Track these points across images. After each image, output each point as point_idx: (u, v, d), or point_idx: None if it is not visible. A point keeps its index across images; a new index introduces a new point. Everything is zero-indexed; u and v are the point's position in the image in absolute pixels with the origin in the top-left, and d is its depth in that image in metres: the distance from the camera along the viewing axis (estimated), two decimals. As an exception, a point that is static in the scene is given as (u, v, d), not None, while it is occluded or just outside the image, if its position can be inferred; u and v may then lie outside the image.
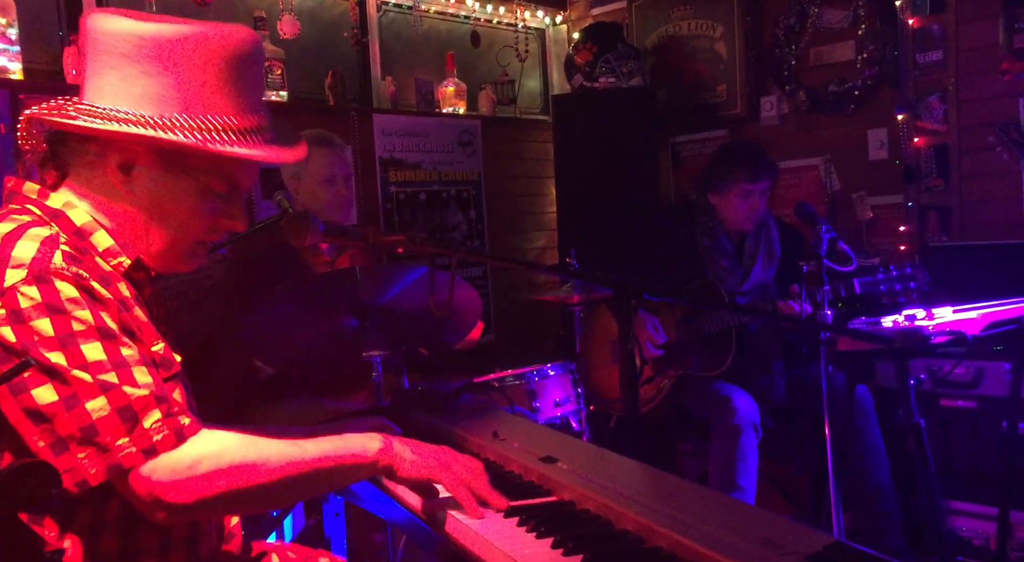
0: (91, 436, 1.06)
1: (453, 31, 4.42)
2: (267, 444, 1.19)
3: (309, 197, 2.72)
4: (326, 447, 1.25)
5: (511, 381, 2.70)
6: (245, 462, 1.15)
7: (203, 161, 1.25)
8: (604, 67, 4.22)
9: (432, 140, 4.18)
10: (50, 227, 1.18)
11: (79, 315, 1.10)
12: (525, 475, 1.49)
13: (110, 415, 1.07)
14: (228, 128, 1.23)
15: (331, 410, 2.40)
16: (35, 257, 1.11)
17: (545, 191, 4.75)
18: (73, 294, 1.10)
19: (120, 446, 1.07)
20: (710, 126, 4.36)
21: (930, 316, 2.41)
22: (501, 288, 4.50)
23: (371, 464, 1.28)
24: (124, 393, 1.09)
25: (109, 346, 1.11)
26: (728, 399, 2.87)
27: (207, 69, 1.22)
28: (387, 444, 1.30)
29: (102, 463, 1.07)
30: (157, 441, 1.09)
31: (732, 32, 4.24)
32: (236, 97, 1.25)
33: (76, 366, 1.07)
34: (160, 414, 1.10)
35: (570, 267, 2.95)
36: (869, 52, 3.79)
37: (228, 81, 1.24)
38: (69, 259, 1.13)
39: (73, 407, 1.06)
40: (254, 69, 1.29)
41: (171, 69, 1.20)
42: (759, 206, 3.05)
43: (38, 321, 1.07)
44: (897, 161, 3.72)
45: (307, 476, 1.21)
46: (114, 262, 1.23)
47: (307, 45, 3.70)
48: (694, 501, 1.23)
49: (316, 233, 1.59)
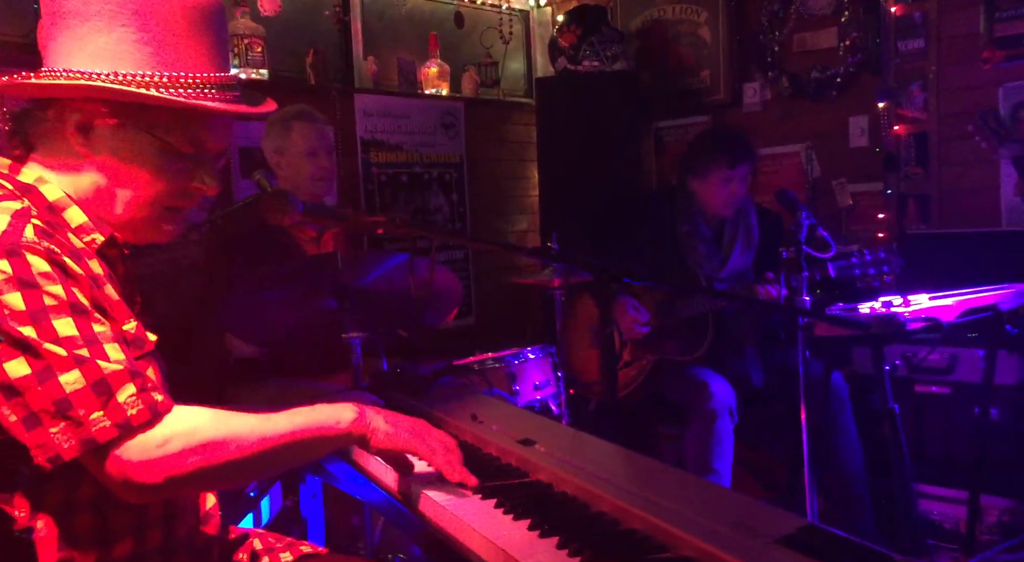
0: (65, 410, 1.05)
1: (437, 11, 4.38)
2: (239, 419, 1.18)
3: (292, 171, 2.71)
4: (298, 420, 1.23)
5: (491, 364, 2.70)
6: (217, 438, 1.14)
7: (163, 117, 1.22)
8: (588, 50, 4.20)
9: (414, 121, 4.15)
10: (21, 202, 1.16)
11: (51, 289, 1.08)
12: (503, 457, 1.49)
13: (84, 389, 1.06)
14: (188, 82, 1.20)
15: (310, 392, 2.40)
16: (6, 230, 1.09)
17: (528, 174, 4.74)
18: (45, 268, 1.08)
19: (94, 420, 1.05)
20: (693, 111, 4.36)
21: (906, 303, 2.43)
22: (482, 271, 4.49)
23: (345, 434, 1.27)
24: (98, 367, 1.07)
25: (81, 321, 1.09)
26: (704, 384, 2.89)
27: (165, 21, 1.20)
28: (361, 414, 1.29)
29: (75, 437, 1.05)
30: (132, 415, 1.08)
31: (716, 17, 4.23)
32: (197, 50, 1.23)
33: (48, 340, 1.06)
34: (135, 389, 1.09)
35: (551, 251, 2.95)
36: (852, 39, 3.80)
37: (195, 34, 1.22)
38: (41, 233, 1.11)
39: (46, 380, 1.05)
40: (217, 23, 1.26)
41: (131, 22, 1.18)
42: (738, 192, 3.06)
43: (8, 295, 1.05)
44: (877, 149, 3.75)
45: (281, 449, 1.20)
46: (87, 238, 1.21)
47: (288, 23, 3.66)
48: (670, 484, 1.24)
49: (295, 212, 1.58)
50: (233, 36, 3.36)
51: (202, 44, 1.23)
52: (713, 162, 3.02)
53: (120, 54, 1.18)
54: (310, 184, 2.70)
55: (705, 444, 2.84)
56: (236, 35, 3.36)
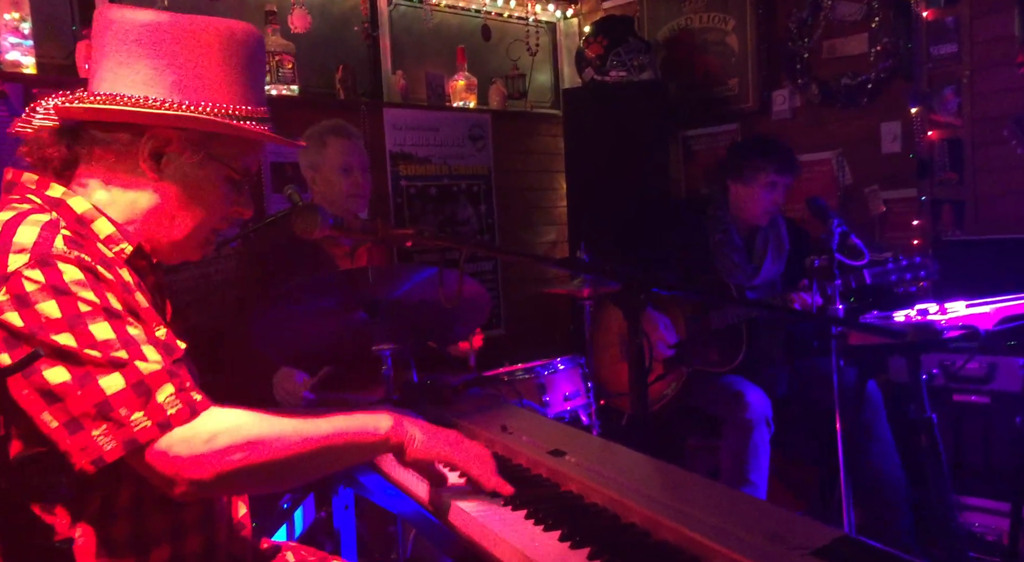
0: (106, 412, 1.07)
1: (464, 25, 4.41)
2: (280, 421, 1.20)
3: (326, 186, 2.73)
4: (339, 424, 1.25)
5: (520, 375, 2.70)
6: (261, 436, 1.15)
7: (228, 147, 1.30)
8: (615, 60, 4.20)
9: (442, 134, 4.17)
10: (50, 214, 1.19)
11: (84, 296, 1.10)
12: (533, 468, 1.49)
13: (124, 390, 1.08)
14: (248, 115, 1.28)
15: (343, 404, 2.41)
16: (37, 241, 1.11)
17: (555, 185, 4.75)
18: (77, 276, 1.11)
19: (135, 421, 1.07)
20: (721, 120, 4.34)
21: (943, 310, 2.39)
22: (511, 282, 4.50)
23: (383, 441, 1.29)
24: (137, 368, 1.09)
25: (116, 325, 1.11)
26: (740, 394, 2.86)
27: (232, 60, 1.27)
28: (398, 422, 1.31)
29: (119, 438, 1.07)
30: (171, 415, 1.09)
31: (744, 25, 4.21)
32: (253, 88, 1.31)
33: (86, 345, 1.08)
34: (173, 388, 1.11)
35: (580, 261, 2.94)
36: (883, 45, 3.76)
37: (247, 73, 1.29)
38: (70, 243, 1.14)
39: (87, 384, 1.07)
40: (261, 61, 1.36)
41: (201, 59, 1.25)
42: (779, 200, 3.04)
43: (44, 304, 1.08)
44: (911, 155, 3.69)
45: (321, 452, 1.21)
46: (116, 249, 1.24)
47: (318, 39, 3.71)
48: (701, 495, 1.23)
49: (325, 226, 1.59)
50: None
51: (255, 80, 1.32)
52: (761, 166, 3.00)
53: (194, 87, 1.24)
54: (344, 200, 2.71)
55: (741, 455, 2.81)
56: (268, 52, 3.41)
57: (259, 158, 1.40)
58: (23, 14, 2.80)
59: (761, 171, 3.00)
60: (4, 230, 1.13)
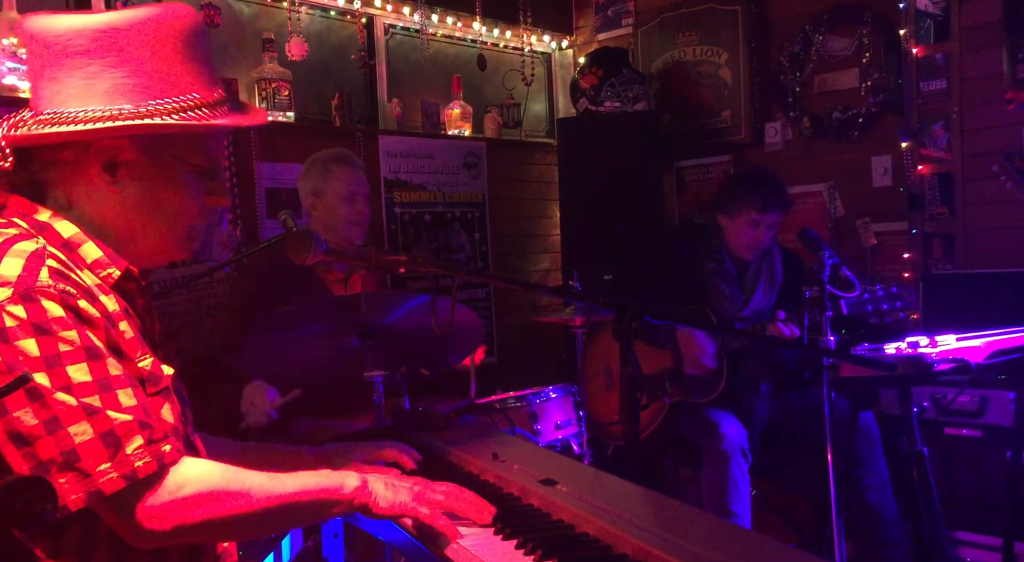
0: (72, 461, 1.05)
1: (460, 54, 4.46)
2: (248, 475, 1.21)
3: (329, 213, 2.74)
4: (305, 482, 1.26)
5: (512, 403, 2.69)
6: (227, 490, 1.16)
7: (185, 142, 1.26)
8: (609, 91, 4.25)
9: (437, 162, 4.20)
10: (36, 241, 1.16)
11: (65, 335, 1.08)
12: (524, 497, 1.48)
13: (92, 440, 1.06)
14: (201, 104, 1.23)
15: (334, 430, 2.40)
16: (21, 274, 1.09)
17: (549, 213, 4.77)
18: (59, 313, 1.09)
19: (101, 472, 1.06)
20: (714, 151, 4.38)
21: (933, 343, 2.40)
22: (504, 309, 4.50)
23: (347, 501, 1.30)
24: (108, 417, 1.08)
25: (95, 366, 1.09)
26: (716, 425, 2.85)
27: (166, 50, 1.22)
28: (362, 483, 1.32)
29: (81, 489, 1.06)
30: (138, 467, 1.09)
31: (737, 58, 4.27)
32: (198, 72, 1.25)
33: (60, 387, 1.06)
34: (142, 440, 1.10)
35: (573, 289, 2.95)
36: (873, 80, 3.82)
37: (188, 58, 1.24)
38: (56, 275, 1.12)
39: (55, 431, 1.05)
40: (205, 42, 1.30)
41: (133, 56, 1.20)
42: (763, 238, 3.02)
43: (24, 341, 1.06)
44: (901, 188, 3.73)
45: (284, 509, 1.22)
46: (103, 274, 1.22)
47: (314, 67, 3.74)
48: (693, 526, 1.22)
49: (318, 252, 1.60)
50: (261, 80, 3.44)
51: (204, 63, 1.27)
52: (744, 203, 3.00)
53: (135, 87, 1.19)
54: (345, 227, 2.73)
55: (721, 487, 2.79)
56: (264, 79, 3.44)
57: (223, 143, 1.38)
58: (22, 39, 2.82)
59: (744, 209, 3.00)
60: None
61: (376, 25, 4.02)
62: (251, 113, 1.34)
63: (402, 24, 4.14)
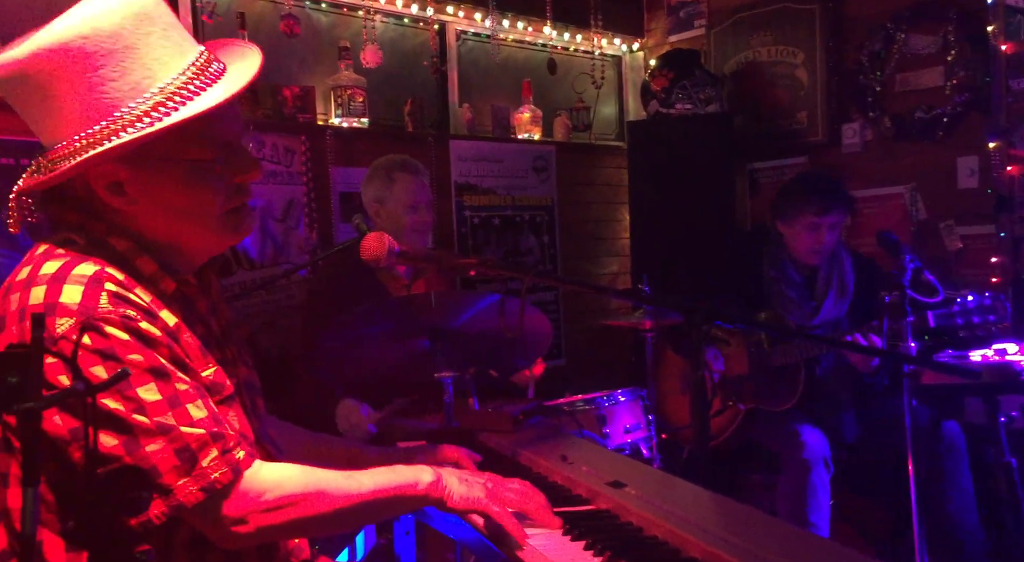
0: (153, 478, 1.09)
1: (530, 59, 4.48)
2: (325, 475, 1.24)
3: (391, 221, 2.77)
4: (380, 480, 1.29)
5: (581, 406, 2.69)
6: (305, 492, 1.19)
7: (172, 140, 1.16)
8: (680, 94, 4.21)
9: (507, 166, 4.23)
10: (93, 263, 1.15)
11: (131, 358, 1.10)
12: (592, 499, 1.48)
13: (169, 457, 1.10)
14: (174, 92, 1.15)
15: (405, 430, 2.44)
16: (81, 302, 1.10)
17: (619, 217, 4.74)
18: (123, 337, 1.10)
19: (181, 486, 1.10)
20: (789, 153, 4.28)
21: (1022, 351, 2.30)
22: (573, 313, 4.49)
23: (422, 497, 1.32)
24: (181, 433, 1.11)
25: (163, 385, 1.12)
26: (797, 433, 2.79)
27: (120, 42, 1.12)
28: (437, 478, 1.34)
29: (164, 504, 1.10)
30: (215, 478, 1.12)
31: (813, 58, 4.17)
32: (160, 52, 1.16)
33: (133, 410, 1.09)
34: (217, 452, 1.13)
35: (642, 292, 2.93)
36: (959, 78, 3.67)
37: (147, 41, 1.15)
38: (115, 300, 1.12)
39: (135, 451, 1.08)
40: (164, 14, 1.20)
41: (91, 66, 1.11)
42: (826, 240, 2.94)
43: (93, 369, 1.08)
44: (989, 190, 3.58)
45: (361, 507, 1.25)
46: (160, 286, 1.21)
47: (388, 73, 3.81)
48: (763, 531, 1.20)
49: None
50: (336, 87, 3.53)
51: (166, 35, 1.17)
52: (802, 208, 2.92)
53: (98, 101, 1.13)
54: (408, 235, 2.75)
55: (800, 496, 2.73)
56: (340, 86, 3.52)
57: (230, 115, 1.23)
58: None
59: (802, 213, 2.92)
60: (50, 288, 1.11)
61: (448, 31, 4.08)
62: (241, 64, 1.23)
63: (473, 30, 4.18)
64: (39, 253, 1.19)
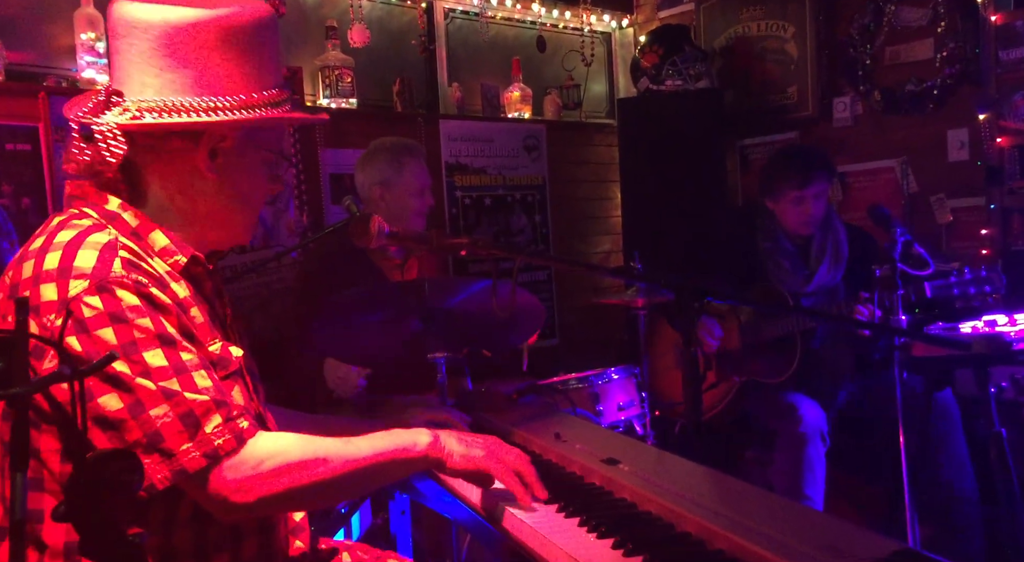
0: (156, 442, 1.10)
1: (519, 36, 4.44)
2: (323, 442, 1.24)
3: (398, 204, 2.75)
4: (378, 444, 1.29)
5: (574, 384, 2.70)
6: (304, 459, 1.20)
7: (268, 134, 1.34)
8: (671, 70, 4.18)
9: (497, 145, 4.21)
10: (108, 232, 1.20)
11: (140, 323, 1.13)
12: (587, 476, 1.49)
13: (173, 421, 1.11)
14: (281, 99, 1.31)
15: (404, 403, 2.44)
16: (96, 266, 1.14)
17: (610, 195, 4.73)
18: (134, 302, 1.13)
19: (184, 451, 1.11)
20: (780, 128, 4.27)
21: (1012, 322, 2.31)
22: (565, 291, 4.50)
23: (422, 458, 1.33)
24: (186, 399, 1.12)
25: (169, 352, 1.14)
26: (793, 407, 2.80)
27: (248, 48, 1.27)
28: (435, 439, 1.34)
29: (167, 468, 1.11)
30: (219, 445, 1.13)
31: (804, 32, 4.15)
32: (275, 71, 1.34)
33: (139, 374, 1.11)
34: (220, 419, 1.14)
35: (634, 270, 2.93)
36: (949, 50, 3.66)
37: (267, 57, 1.30)
38: (128, 266, 1.16)
39: (139, 414, 1.10)
40: (277, 40, 1.37)
41: (234, 51, 1.25)
42: (813, 210, 2.96)
43: (102, 331, 1.10)
44: (979, 162, 3.58)
45: (363, 472, 1.26)
46: (171, 261, 1.26)
47: (376, 53, 3.78)
48: (757, 505, 1.21)
49: (381, 235, 1.63)
50: (324, 67, 3.49)
51: (276, 62, 1.34)
52: (784, 183, 2.95)
53: (235, 80, 1.25)
54: (412, 218, 2.76)
55: (796, 470, 2.75)
56: (327, 66, 3.49)
57: (286, 133, 1.48)
58: (99, 33, 2.92)
59: (785, 189, 2.96)
60: (65, 253, 1.15)
61: (436, 10, 4.04)
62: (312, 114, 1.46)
63: (461, 8, 4.14)
64: (54, 224, 1.22)
